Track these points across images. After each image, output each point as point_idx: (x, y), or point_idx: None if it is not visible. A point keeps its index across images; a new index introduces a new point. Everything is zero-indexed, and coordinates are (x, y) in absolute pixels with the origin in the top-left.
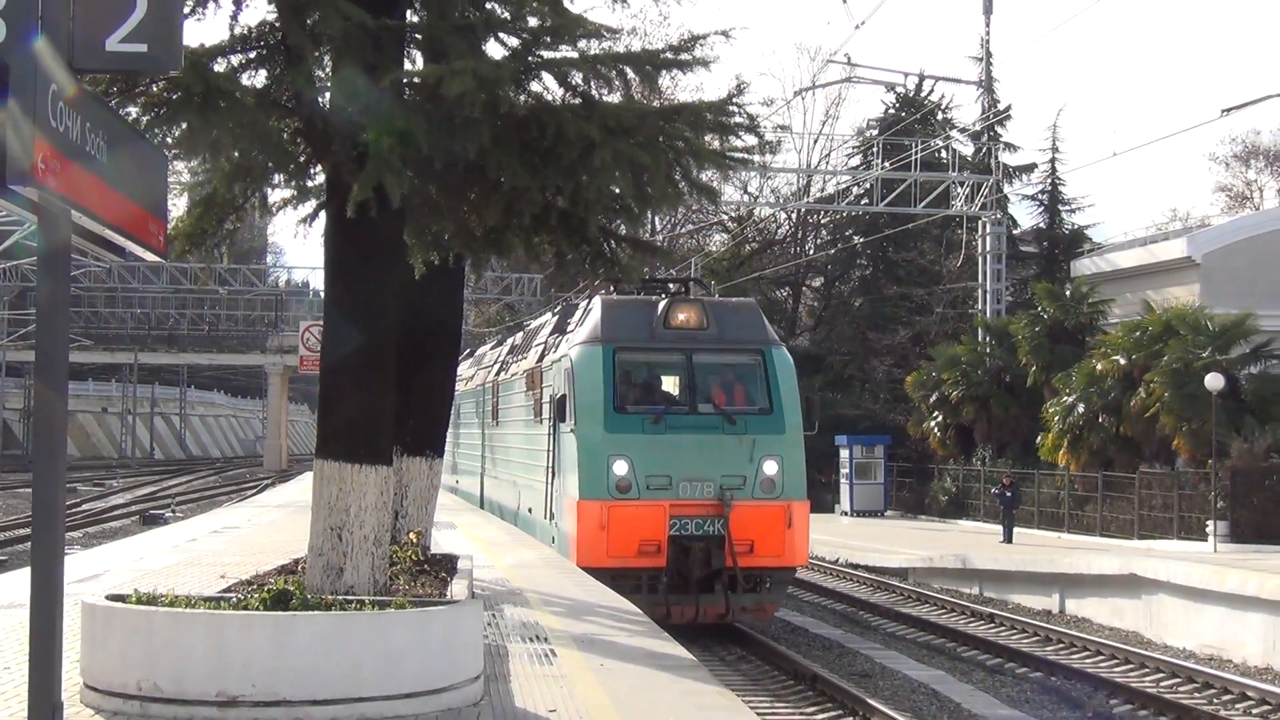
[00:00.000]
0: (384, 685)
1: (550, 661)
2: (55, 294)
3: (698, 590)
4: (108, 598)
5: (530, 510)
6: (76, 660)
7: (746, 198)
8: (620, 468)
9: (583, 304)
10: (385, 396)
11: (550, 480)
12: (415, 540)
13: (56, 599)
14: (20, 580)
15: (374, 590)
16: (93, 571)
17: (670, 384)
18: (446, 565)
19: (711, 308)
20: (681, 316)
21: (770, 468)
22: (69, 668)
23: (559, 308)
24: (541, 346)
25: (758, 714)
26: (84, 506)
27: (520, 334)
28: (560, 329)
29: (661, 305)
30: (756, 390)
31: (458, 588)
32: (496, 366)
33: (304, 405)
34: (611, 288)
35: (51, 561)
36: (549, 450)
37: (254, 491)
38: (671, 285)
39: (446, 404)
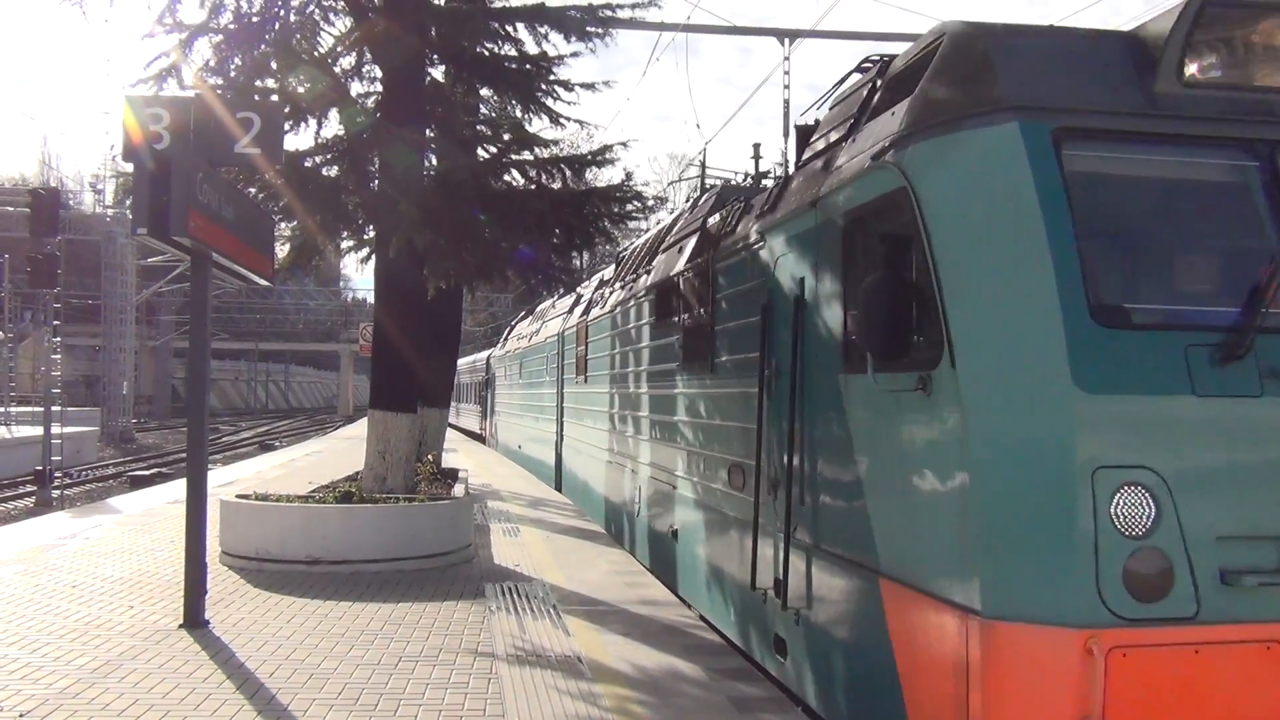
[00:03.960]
0: (411, 550)
1: (516, 535)
2: (202, 304)
3: None
4: (237, 496)
5: (677, 533)
6: (217, 535)
7: None
8: (1135, 511)
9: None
10: (413, 369)
11: (778, 495)
12: (432, 460)
13: (203, 497)
14: (180, 486)
15: (405, 491)
16: (227, 480)
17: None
18: (452, 475)
19: None
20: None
21: None
22: (212, 542)
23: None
24: (698, 224)
25: None
26: (223, 439)
27: (606, 269)
28: (768, 197)
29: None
30: None
31: (458, 489)
32: (581, 306)
33: (363, 375)
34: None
35: (200, 474)
36: (769, 429)
37: (331, 429)
38: None
39: (451, 374)
